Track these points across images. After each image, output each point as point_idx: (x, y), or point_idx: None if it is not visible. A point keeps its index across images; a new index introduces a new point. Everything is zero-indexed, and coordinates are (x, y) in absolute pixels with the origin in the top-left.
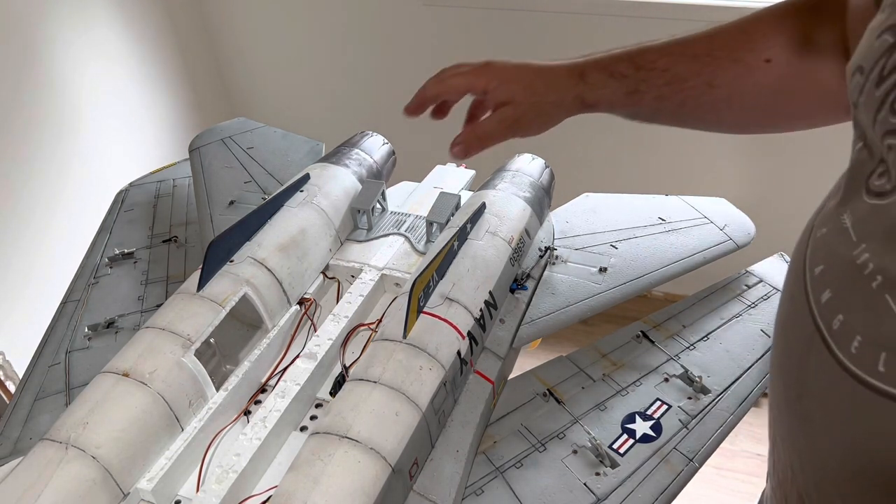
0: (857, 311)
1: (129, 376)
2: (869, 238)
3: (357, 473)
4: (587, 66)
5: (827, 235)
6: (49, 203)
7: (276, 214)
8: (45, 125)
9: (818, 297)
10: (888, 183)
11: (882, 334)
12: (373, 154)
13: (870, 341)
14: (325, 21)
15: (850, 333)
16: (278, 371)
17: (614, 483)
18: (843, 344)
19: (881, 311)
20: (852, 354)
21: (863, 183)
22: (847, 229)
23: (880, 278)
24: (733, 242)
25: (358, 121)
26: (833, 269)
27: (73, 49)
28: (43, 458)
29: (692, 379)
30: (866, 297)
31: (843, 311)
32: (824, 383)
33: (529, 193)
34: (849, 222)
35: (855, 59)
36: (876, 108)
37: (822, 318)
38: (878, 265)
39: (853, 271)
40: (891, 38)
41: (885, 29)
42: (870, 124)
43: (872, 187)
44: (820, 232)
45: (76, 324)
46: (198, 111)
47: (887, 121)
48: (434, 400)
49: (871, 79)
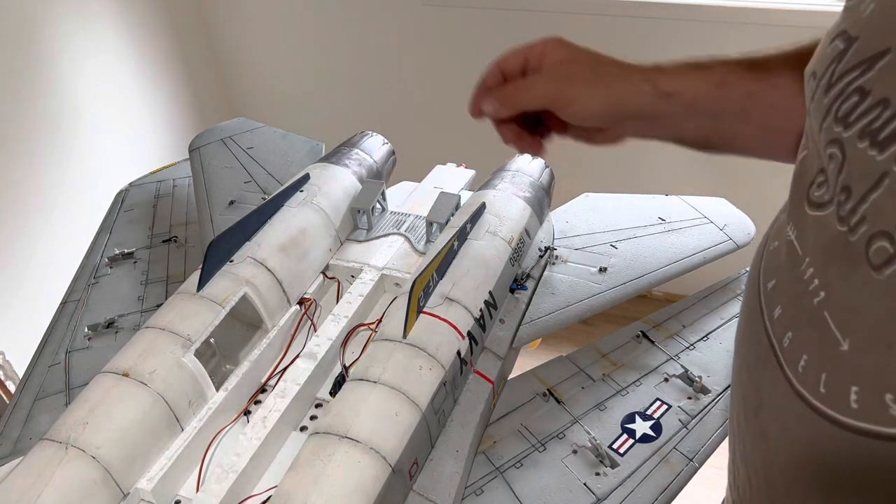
0: (803, 329)
1: (129, 376)
2: (811, 252)
3: (357, 473)
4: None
5: (778, 249)
6: (49, 203)
7: (276, 214)
8: (44, 125)
9: (771, 312)
10: (826, 193)
11: (823, 354)
12: (373, 154)
13: (813, 361)
14: (325, 21)
15: (798, 352)
16: (278, 371)
17: (614, 483)
18: (792, 362)
19: (822, 329)
20: (799, 374)
21: (804, 194)
22: (792, 242)
23: (823, 294)
24: (733, 242)
25: (358, 121)
26: (782, 284)
27: (73, 49)
28: (43, 458)
29: (692, 379)
30: (810, 314)
31: (793, 329)
32: (778, 401)
33: (529, 193)
34: (793, 235)
35: (810, 65)
36: (822, 115)
37: (775, 334)
38: (822, 281)
39: (800, 287)
40: (841, 45)
41: (838, 34)
42: (816, 131)
43: (813, 198)
44: (773, 245)
45: (76, 324)
46: (198, 111)
47: (831, 129)
48: (434, 400)
49: (822, 85)
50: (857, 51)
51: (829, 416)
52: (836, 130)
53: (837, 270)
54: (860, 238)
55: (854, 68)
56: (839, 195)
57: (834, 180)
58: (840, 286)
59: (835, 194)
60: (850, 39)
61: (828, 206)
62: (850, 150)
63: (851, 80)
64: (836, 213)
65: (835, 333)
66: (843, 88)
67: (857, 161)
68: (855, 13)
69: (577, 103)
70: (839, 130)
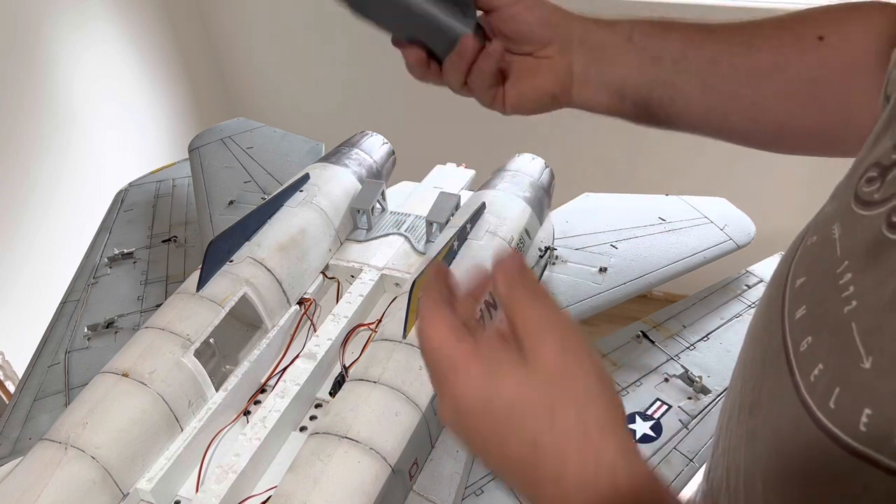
0: (824, 336)
1: (128, 376)
2: (851, 254)
3: (357, 474)
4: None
5: (815, 245)
6: (49, 203)
7: (276, 214)
8: (44, 125)
9: (793, 311)
10: (877, 192)
11: (841, 368)
12: (373, 154)
13: (828, 372)
14: (325, 21)
15: (814, 360)
16: (278, 371)
17: None
18: (805, 369)
19: (846, 341)
20: (810, 383)
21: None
22: (835, 241)
23: (855, 303)
24: (733, 242)
25: (358, 121)
26: (813, 283)
27: (72, 49)
28: (43, 458)
29: (692, 379)
30: (836, 323)
31: (813, 334)
32: (778, 405)
33: (529, 193)
34: (837, 233)
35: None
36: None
37: (792, 335)
38: (857, 289)
39: (832, 291)
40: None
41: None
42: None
43: (861, 194)
44: (811, 239)
45: (76, 324)
46: (198, 111)
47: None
48: (434, 400)
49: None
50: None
51: (833, 433)
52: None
53: (874, 280)
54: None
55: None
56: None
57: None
58: (874, 298)
59: (893, 197)
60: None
61: (877, 205)
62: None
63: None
64: (887, 218)
65: (859, 348)
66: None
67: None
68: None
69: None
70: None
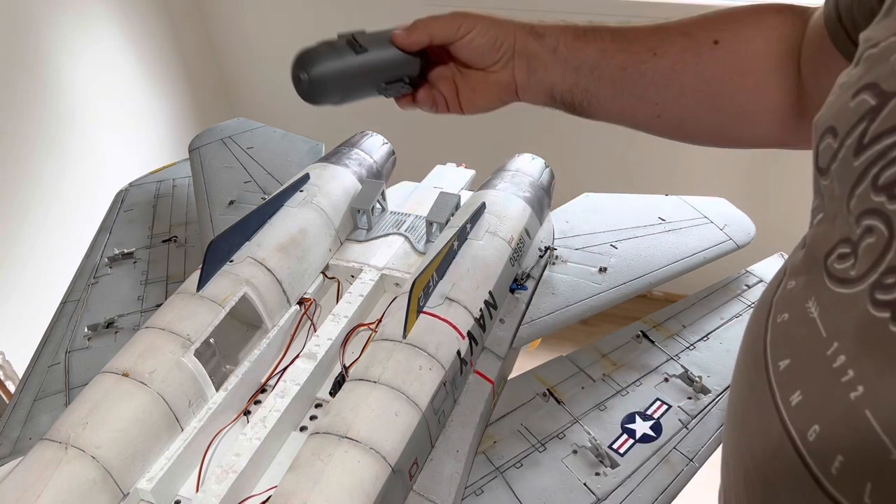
0: (836, 426)
1: (128, 376)
2: (840, 336)
3: (357, 473)
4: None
5: (790, 324)
6: (49, 203)
7: (276, 214)
8: (45, 125)
9: (787, 398)
10: (853, 269)
11: (868, 461)
12: (373, 154)
13: (852, 466)
14: (326, 21)
15: (830, 451)
16: (278, 371)
17: (614, 483)
18: (822, 464)
19: (865, 431)
20: (832, 476)
21: (821, 263)
22: (814, 321)
23: (861, 389)
24: (733, 242)
25: (358, 121)
26: (802, 366)
27: (72, 49)
28: (43, 458)
29: (692, 379)
30: (846, 410)
31: (820, 423)
32: (799, 501)
33: (529, 193)
34: (815, 313)
35: (824, 118)
36: (853, 180)
37: (795, 425)
38: (858, 373)
39: (829, 376)
40: (872, 100)
41: (864, 87)
42: (843, 198)
43: (834, 271)
44: (781, 317)
45: (76, 324)
46: (198, 111)
47: (867, 198)
48: (434, 400)
49: (848, 145)
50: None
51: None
52: (877, 200)
53: (876, 364)
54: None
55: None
56: (884, 276)
57: (874, 258)
58: (882, 384)
59: (870, 272)
60: (883, 95)
61: (856, 283)
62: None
63: (894, 143)
64: (870, 296)
65: (883, 440)
66: (883, 152)
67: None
68: (884, 65)
69: (472, 34)
70: (881, 200)
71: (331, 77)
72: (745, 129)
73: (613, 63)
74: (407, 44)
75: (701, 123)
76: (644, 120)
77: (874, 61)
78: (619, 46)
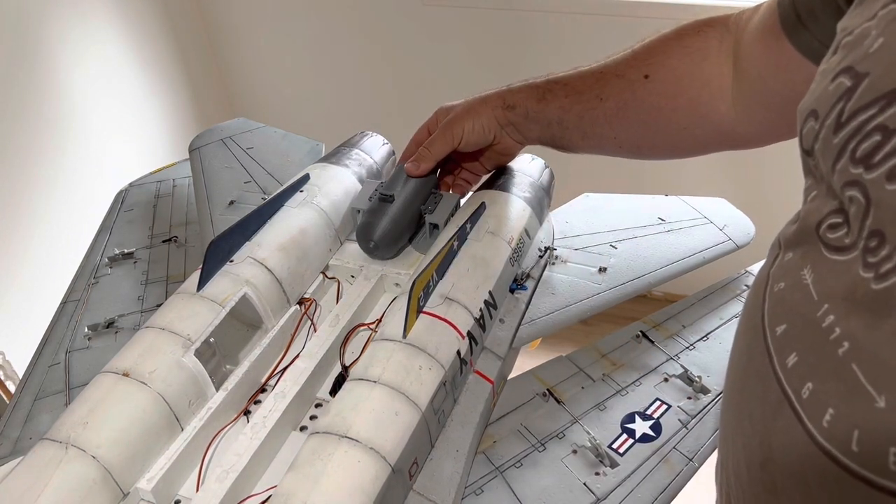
0: (827, 381)
1: (129, 376)
2: (829, 298)
3: (357, 473)
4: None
5: (785, 291)
6: (49, 203)
7: (276, 214)
8: (44, 125)
9: (783, 360)
10: (847, 237)
11: (855, 410)
12: (373, 154)
13: (842, 416)
14: (326, 21)
15: (822, 405)
16: (278, 371)
17: (614, 483)
18: (815, 416)
19: (852, 382)
20: (824, 429)
21: (814, 234)
22: (807, 286)
23: (847, 345)
24: (733, 242)
25: (358, 121)
26: (796, 330)
27: (72, 49)
28: (43, 458)
29: (692, 379)
30: (835, 366)
31: (813, 380)
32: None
33: (529, 193)
34: (809, 279)
35: (807, 104)
36: (834, 155)
37: (790, 384)
38: (844, 330)
39: (819, 335)
40: (848, 82)
41: (841, 71)
42: (827, 172)
43: (828, 240)
44: (777, 286)
45: (76, 324)
46: (198, 111)
47: (847, 170)
48: (434, 400)
49: (828, 125)
50: (871, 87)
51: (863, 476)
52: (855, 172)
53: (861, 320)
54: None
55: (869, 105)
56: (868, 240)
57: (858, 225)
58: (867, 337)
59: (859, 238)
60: (857, 76)
61: (850, 250)
62: (877, 192)
63: (868, 118)
64: (863, 259)
65: (867, 389)
66: (859, 127)
67: (890, 204)
68: (858, 49)
69: (465, 135)
70: (859, 172)
71: (389, 231)
72: (691, 140)
73: (572, 114)
74: (420, 173)
75: (654, 144)
76: (611, 150)
77: (850, 48)
78: (572, 100)
